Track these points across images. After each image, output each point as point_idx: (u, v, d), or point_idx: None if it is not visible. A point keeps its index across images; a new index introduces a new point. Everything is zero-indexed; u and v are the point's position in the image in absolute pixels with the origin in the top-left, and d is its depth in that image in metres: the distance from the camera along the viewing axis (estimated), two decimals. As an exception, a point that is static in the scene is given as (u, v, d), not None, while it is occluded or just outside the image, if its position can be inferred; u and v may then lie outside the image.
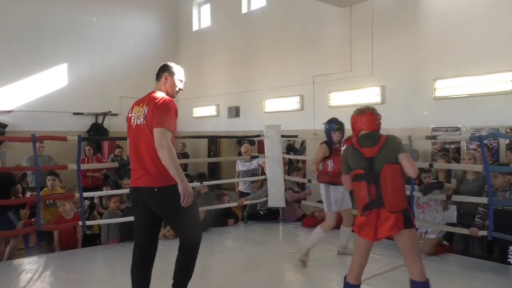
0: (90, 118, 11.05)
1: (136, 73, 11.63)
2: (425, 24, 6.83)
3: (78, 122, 10.76)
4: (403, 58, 7.11)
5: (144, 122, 2.86)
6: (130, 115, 3.04)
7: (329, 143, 4.44)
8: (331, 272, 4.14)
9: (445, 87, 6.51)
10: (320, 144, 4.52)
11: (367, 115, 3.06)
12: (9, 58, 9.88)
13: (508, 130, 5.57)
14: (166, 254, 3.35)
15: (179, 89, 3.19)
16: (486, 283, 3.80)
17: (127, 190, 6.06)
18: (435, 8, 6.73)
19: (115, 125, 11.19)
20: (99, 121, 11.09)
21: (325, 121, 4.52)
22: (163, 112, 2.82)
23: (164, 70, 3.20)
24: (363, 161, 2.89)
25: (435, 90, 6.60)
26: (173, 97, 3.09)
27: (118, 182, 7.71)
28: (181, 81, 3.21)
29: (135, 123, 2.94)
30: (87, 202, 6.03)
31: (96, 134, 10.65)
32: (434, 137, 5.88)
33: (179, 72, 3.22)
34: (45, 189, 5.88)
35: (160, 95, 3.01)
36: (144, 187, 2.83)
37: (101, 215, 5.96)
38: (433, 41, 6.71)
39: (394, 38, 7.26)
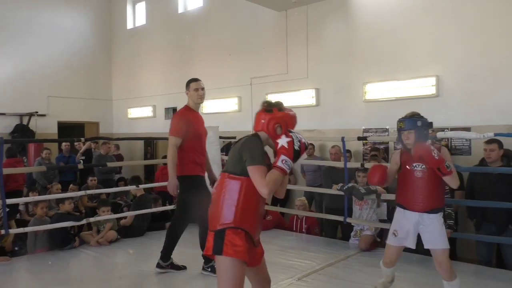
0: (14, 119, 10.27)
1: (66, 71, 11.05)
2: (356, 30, 7.17)
3: (0, 123, 9.98)
4: (336, 62, 7.41)
5: None
6: None
7: (402, 149, 3.32)
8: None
9: (374, 91, 6.87)
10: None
11: (257, 113, 2.49)
12: None
13: (431, 131, 5.99)
14: (101, 259, 3.20)
15: (199, 96, 4.10)
16: (413, 274, 4.06)
17: (55, 196, 5.74)
18: (365, 16, 7.08)
19: (43, 127, 10.53)
20: (25, 122, 10.36)
21: None
22: (172, 123, 3.97)
23: (185, 87, 4.14)
24: None
25: (365, 93, 6.95)
26: (199, 103, 4.17)
27: (46, 186, 7.26)
28: (197, 89, 4.08)
29: None
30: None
31: (21, 136, 9.94)
32: (365, 138, 6.19)
33: (194, 84, 4.09)
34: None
35: (180, 109, 4.17)
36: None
37: (26, 223, 5.56)
38: (363, 47, 7.05)
39: (327, 43, 7.53)
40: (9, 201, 4.72)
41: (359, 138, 5.53)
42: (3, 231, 4.63)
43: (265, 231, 4.96)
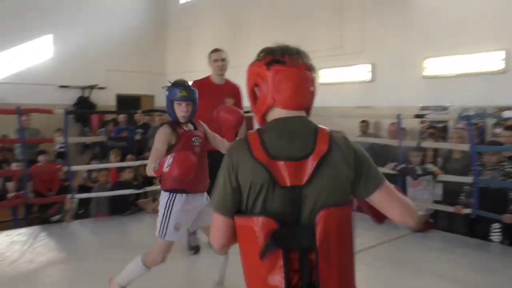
0: (77, 92, 10.83)
1: (123, 46, 11.41)
2: (416, 2, 6.80)
3: (65, 95, 10.54)
4: (394, 36, 7.09)
5: None
6: None
7: (172, 123, 2.70)
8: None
9: (434, 66, 6.54)
10: (160, 127, 2.71)
11: (295, 67, 1.30)
12: (-8, 28, 9.58)
13: (496, 110, 5.65)
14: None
15: (218, 67, 3.98)
16: (470, 259, 3.92)
17: (116, 164, 6.05)
18: (428, -14, 6.69)
19: (102, 99, 11.02)
20: (86, 95, 10.90)
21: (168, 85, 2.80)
22: None
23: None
24: (277, 196, 1.23)
25: (424, 68, 6.64)
26: (219, 75, 4.01)
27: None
28: (215, 60, 3.96)
29: None
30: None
31: (83, 108, 10.49)
32: (422, 116, 5.94)
33: (213, 54, 4.00)
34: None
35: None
36: None
37: (89, 189, 5.93)
38: (423, 19, 6.69)
39: (385, 15, 7.21)
40: (74, 168, 5.04)
41: (417, 116, 5.33)
42: (69, 196, 4.99)
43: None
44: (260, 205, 1.24)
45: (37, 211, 5.62)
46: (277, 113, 1.31)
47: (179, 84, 2.68)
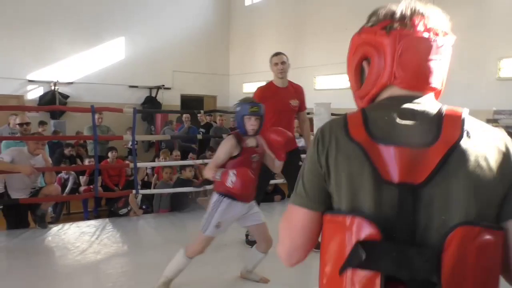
0: (145, 91, 11.41)
1: (189, 47, 11.83)
2: (493, -2, 6.36)
3: (134, 95, 11.16)
4: (466, 35, 6.66)
5: None
6: None
7: (238, 135, 2.91)
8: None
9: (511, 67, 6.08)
10: (227, 136, 3.00)
11: (427, 32, 0.98)
12: (71, 32, 10.34)
13: None
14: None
15: (278, 70, 3.98)
16: None
17: (179, 162, 6.28)
18: (506, -19, 6.23)
19: (168, 99, 11.51)
20: (153, 94, 11.43)
21: (238, 101, 3.01)
22: None
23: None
24: (379, 195, 0.84)
25: (499, 69, 6.19)
26: (280, 78, 4.00)
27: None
28: (277, 64, 3.97)
29: None
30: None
31: (150, 107, 11.01)
32: (495, 121, 5.55)
33: (274, 58, 4.03)
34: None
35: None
36: None
37: (153, 186, 6.21)
38: (499, 15, 6.24)
39: (456, 13, 6.79)
40: (140, 164, 5.29)
41: (489, 121, 4.98)
42: (134, 191, 5.26)
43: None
44: (354, 203, 0.86)
45: (105, 204, 6.00)
46: (393, 93, 0.96)
47: (250, 101, 2.98)
